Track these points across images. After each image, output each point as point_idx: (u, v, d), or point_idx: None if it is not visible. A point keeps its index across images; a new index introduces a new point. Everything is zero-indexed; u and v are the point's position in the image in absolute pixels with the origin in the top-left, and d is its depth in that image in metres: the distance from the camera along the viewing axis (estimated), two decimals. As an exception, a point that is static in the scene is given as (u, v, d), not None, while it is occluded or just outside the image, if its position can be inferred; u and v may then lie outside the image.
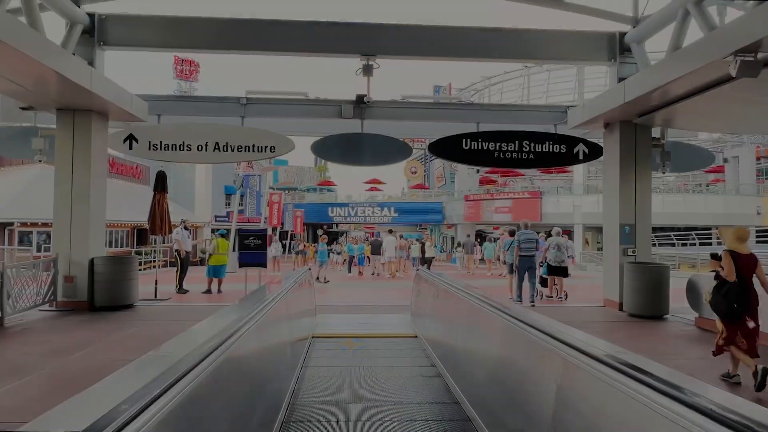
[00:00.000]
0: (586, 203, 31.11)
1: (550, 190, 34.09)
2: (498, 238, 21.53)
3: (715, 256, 4.96)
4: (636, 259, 8.92)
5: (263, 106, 9.83)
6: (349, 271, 19.32)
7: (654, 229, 11.44)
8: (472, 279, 16.44)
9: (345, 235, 45.64)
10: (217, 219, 32.85)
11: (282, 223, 35.66)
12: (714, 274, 4.95)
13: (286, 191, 45.52)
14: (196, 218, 30.58)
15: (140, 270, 9.48)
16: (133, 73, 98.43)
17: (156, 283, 10.00)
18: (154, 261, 13.50)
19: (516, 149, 9.77)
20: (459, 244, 23.44)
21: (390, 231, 19.44)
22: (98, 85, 7.70)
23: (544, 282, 11.53)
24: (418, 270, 7.39)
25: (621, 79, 8.89)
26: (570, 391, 2.22)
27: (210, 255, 11.51)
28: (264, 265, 9.88)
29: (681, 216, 27.19)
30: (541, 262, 11.64)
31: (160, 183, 10.17)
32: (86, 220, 8.46)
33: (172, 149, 9.42)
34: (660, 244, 29.54)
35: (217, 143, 9.49)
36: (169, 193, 10.52)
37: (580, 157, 9.91)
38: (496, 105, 12.46)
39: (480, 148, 9.70)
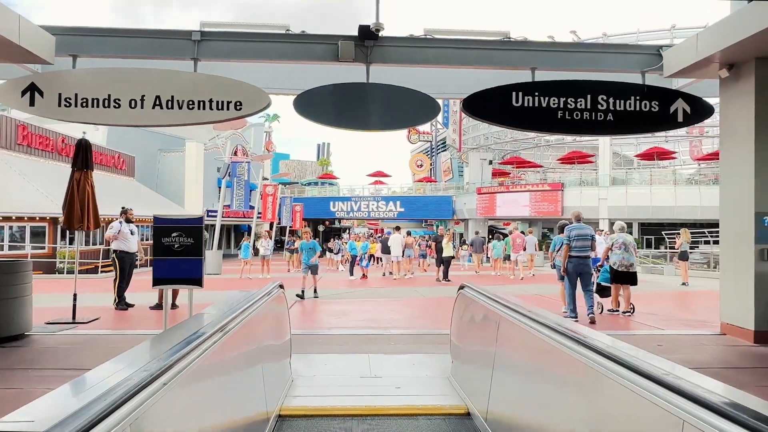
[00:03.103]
0: (612, 196, 28.71)
1: (571, 181, 31.30)
2: (507, 235, 19.25)
3: None
4: (779, 266, 5.95)
5: (225, 45, 6.80)
6: (351, 274, 16.43)
7: (675, 225, 8.63)
8: (478, 280, 13.45)
9: (348, 231, 42.93)
10: (210, 214, 30.00)
11: (279, 219, 32.84)
12: None
13: (285, 185, 42.65)
14: (187, 213, 27.75)
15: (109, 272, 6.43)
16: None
17: (74, 299, 7.01)
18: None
19: (588, 107, 6.86)
20: (465, 242, 21.10)
21: (397, 228, 16.72)
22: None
23: (602, 291, 8.84)
24: (462, 288, 4.39)
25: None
26: None
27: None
28: (198, 283, 5.42)
29: (706, 210, 23.83)
30: (600, 265, 9.15)
31: (82, 157, 7.20)
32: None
33: (93, 105, 6.48)
34: (694, 242, 26.46)
35: (158, 97, 6.55)
36: (156, 186, 7.53)
37: (679, 118, 7.01)
38: (560, 44, 9.32)
39: (536, 104, 6.80)
